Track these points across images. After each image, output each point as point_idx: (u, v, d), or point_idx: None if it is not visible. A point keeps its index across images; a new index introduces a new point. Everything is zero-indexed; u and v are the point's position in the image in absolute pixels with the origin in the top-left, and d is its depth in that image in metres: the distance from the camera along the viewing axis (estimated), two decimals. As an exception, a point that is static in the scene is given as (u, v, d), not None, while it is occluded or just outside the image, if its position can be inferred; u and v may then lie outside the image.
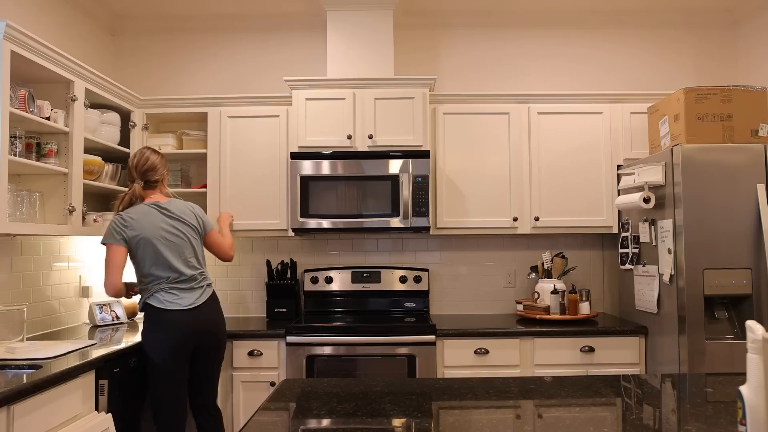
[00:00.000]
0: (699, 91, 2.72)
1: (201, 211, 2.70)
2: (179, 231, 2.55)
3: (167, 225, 2.53)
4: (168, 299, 2.47)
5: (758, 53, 3.55)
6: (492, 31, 3.77)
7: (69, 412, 2.10)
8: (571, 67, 3.76)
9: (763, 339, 1.10)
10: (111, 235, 2.48)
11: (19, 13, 2.85)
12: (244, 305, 3.64)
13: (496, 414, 1.49)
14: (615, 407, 1.54)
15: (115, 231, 2.48)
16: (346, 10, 3.39)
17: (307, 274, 3.54)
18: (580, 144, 3.32)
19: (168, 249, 2.50)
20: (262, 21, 3.75)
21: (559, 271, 3.36)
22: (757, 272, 2.61)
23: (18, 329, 2.60)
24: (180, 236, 2.55)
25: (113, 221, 2.51)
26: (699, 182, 2.63)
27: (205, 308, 2.54)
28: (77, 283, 3.24)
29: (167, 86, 3.76)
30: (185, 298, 2.49)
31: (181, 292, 2.50)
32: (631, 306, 3.14)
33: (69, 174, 2.68)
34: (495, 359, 2.96)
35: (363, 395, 1.67)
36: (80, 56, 3.37)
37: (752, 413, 1.11)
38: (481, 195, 3.30)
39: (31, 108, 2.45)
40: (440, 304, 3.63)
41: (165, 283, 2.49)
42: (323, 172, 3.17)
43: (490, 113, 3.33)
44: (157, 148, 3.35)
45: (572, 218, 3.30)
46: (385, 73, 3.37)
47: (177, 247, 2.53)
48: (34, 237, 2.87)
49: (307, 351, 2.94)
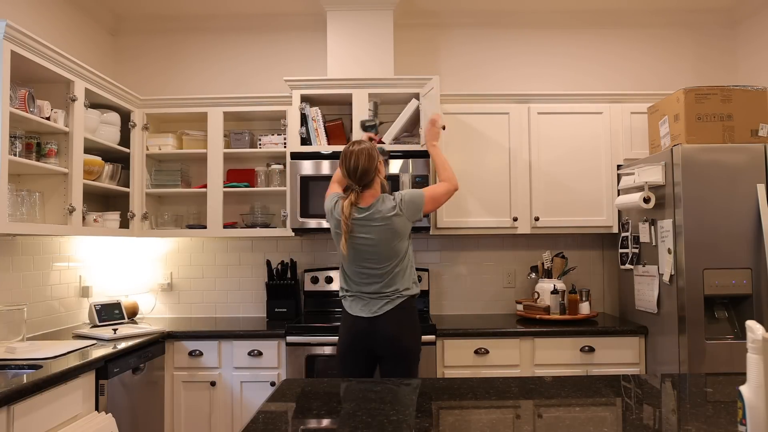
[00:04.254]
0: (699, 91, 2.72)
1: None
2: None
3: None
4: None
5: (758, 53, 3.55)
6: (492, 31, 3.77)
7: (69, 412, 2.10)
8: (571, 67, 3.76)
9: (763, 339, 1.10)
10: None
11: (19, 13, 2.85)
12: (244, 305, 3.64)
13: (496, 414, 1.49)
14: (615, 407, 1.54)
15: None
16: (346, 10, 3.39)
17: (307, 274, 3.54)
18: (580, 144, 3.32)
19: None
20: (262, 21, 3.75)
21: (559, 271, 3.36)
22: (757, 272, 2.61)
23: (18, 329, 2.60)
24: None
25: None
26: (699, 182, 2.63)
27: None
28: (77, 283, 3.25)
29: (167, 86, 3.76)
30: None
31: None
32: (631, 306, 3.14)
33: (69, 174, 2.68)
34: (495, 359, 2.96)
35: (363, 395, 1.67)
36: (80, 56, 3.37)
37: (752, 413, 1.11)
38: (481, 195, 3.30)
39: (31, 108, 2.45)
40: (440, 304, 3.63)
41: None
42: (323, 172, 3.17)
43: (490, 113, 3.33)
44: (157, 148, 3.36)
45: (572, 218, 3.30)
46: (385, 73, 3.37)
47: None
48: (34, 237, 2.87)
49: (307, 351, 2.94)
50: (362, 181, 2.40)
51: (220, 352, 3.00)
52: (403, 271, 2.44)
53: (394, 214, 2.39)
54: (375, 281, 2.42)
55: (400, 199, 2.42)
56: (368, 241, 2.39)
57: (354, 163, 2.39)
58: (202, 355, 2.99)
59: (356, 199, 2.40)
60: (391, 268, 2.42)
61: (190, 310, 3.64)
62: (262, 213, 3.48)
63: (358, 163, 2.38)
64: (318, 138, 3.26)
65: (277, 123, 3.63)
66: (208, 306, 3.64)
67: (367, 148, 2.42)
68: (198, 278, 3.64)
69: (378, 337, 2.39)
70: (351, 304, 2.47)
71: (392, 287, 2.42)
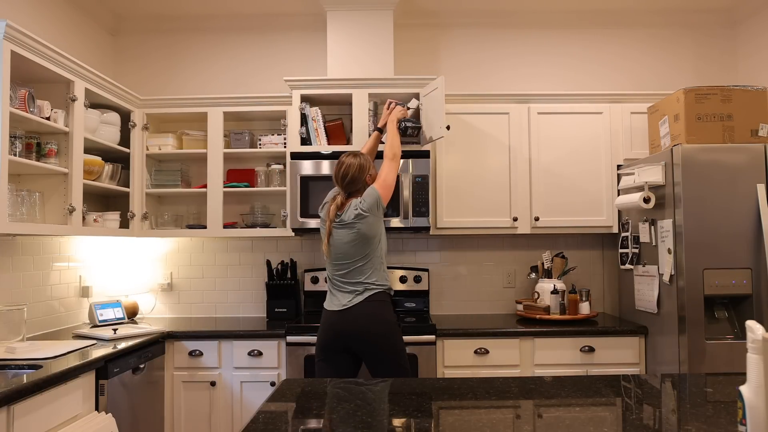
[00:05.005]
0: (699, 91, 2.72)
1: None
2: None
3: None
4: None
5: (758, 53, 3.55)
6: (492, 31, 3.77)
7: (69, 412, 2.10)
8: (571, 67, 3.76)
9: (763, 339, 1.10)
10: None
11: (19, 13, 2.85)
12: (244, 305, 3.64)
13: (496, 414, 1.49)
14: (615, 407, 1.54)
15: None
16: (346, 10, 3.39)
17: (307, 274, 3.54)
18: (580, 144, 3.32)
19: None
20: (262, 21, 3.75)
21: (559, 271, 3.36)
22: (757, 272, 2.61)
23: (18, 329, 2.60)
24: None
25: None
26: (699, 182, 2.63)
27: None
28: (77, 283, 3.25)
29: (167, 86, 3.76)
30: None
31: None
32: (631, 306, 3.14)
33: (69, 174, 2.68)
34: (495, 359, 2.96)
35: (363, 395, 1.67)
36: (80, 56, 3.37)
37: (752, 413, 1.11)
38: (481, 195, 3.30)
39: (31, 108, 2.45)
40: (440, 304, 3.63)
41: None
42: (323, 172, 3.17)
43: (490, 113, 3.33)
44: (157, 148, 3.36)
45: (572, 218, 3.30)
46: (385, 72, 3.37)
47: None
48: (34, 237, 2.87)
49: (307, 351, 2.94)
50: (348, 189, 2.60)
51: (220, 352, 3.00)
52: (372, 266, 2.55)
53: (361, 216, 2.52)
54: (345, 277, 2.55)
55: (360, 201, 2.56)
56: (338, 241, 2.55)
57: (344, 171, 2.58)
58: (202, 355, 2.99)
59: (340, 205, 2.58)
60: (360, 263, 2.54)
61: (190, 310, 3.64)
62: (262, 213, 3.48)
63: (348, 171, 2.57)
64: (318, 138, 3.26)
65: (277, 123, 3.63)
66: (208, 306, 3.64)
67: (361, 162, 2.59)
68: (198, 278, 3.64)
69: (349, 330, 2.48)
70: (327, 301, 2.60)
71: (360, 280, 2.53)
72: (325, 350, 2.53)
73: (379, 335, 2.46)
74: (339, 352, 2.52)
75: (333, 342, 2.50)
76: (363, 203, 2.54)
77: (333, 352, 2.52)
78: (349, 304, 2.50)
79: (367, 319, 2.47)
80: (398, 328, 2.53)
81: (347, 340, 2.48)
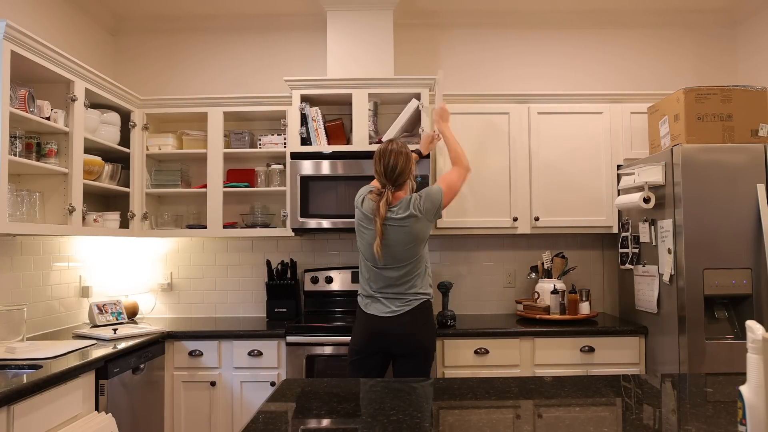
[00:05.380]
0: (699, 91, 2.72)
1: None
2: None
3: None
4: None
5: (758, 53, 3.55)
6: (492, 31, 3.77)
7: (69, 412, 2.10)
8: (571, 67, 3.76)
9: (763, 339, 1.10)
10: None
11: (19, 13, 2.85)
12: (244, 305, 3.64)
13: (496, 414, 1.49)
14: (615, 407, 1.54)
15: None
16: (346, 10, 3.39)
17: (307, 274, 3.54)
18: (580, 144, 3.32)
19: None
20: (262, 21, 3.75)
21: (559, 271, 3.36)
22: (757, 272, 2.61)
23: (18, 329, 2.60)
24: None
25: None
26: (699, 182, 2.63)
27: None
28: (77, 283, 3.25)
29: (167, 86, 3.76)
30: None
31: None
32: (631, 306, 3.13)
33: (69, 174, 2.68)
34: (495, 359, 2.96)
35: (363, 395, 1.67)
36: (80, 56, 3.37)
37: (752, 413, 1.11)
38: (481, 195, 3.30)
39: (31, 108, 2.45)
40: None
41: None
42: (323, 172, 3.17)
43: (490, 113, 3.33)
44: (157, 148, 3.36)
45: (572, 218, 3.30)
46: (385, 72, 3.37)
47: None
48: (34, 237, 2.87)
49: (307, 351, 2.94)
50: (397, 181, 2.41)
51: (220, 352, 3.00)
52: (421, 274, 2.46)
53: (412, 217, 2.37)
54: (393, 282, 2.43)
55: (418, 199, 2.40)
56: (393, 240, 2.38)
57: (393, 162, 2.38)
58: (202, 355, 2.99)
59: (391, 200, 2.38)
60: (409, 270, 2.42)
61: (190, 310, 3.64)
62: (262, 213, 3.48)
63: (397, 162, 2.38)
64: (318, 138, 3.26)
65: (277, 123, 3.63)
66: (208, 306, 3.64)
67: (407, 152, 2.41)
68: (198, 278, 3.64)
69: (394, 336, 2.39)
70: (368, 304, 2.48)
71: (410, 289, 2.42)
72: (361, 352, 2.45)
73: (422, 344, 2.41)
74: (375, 355, 2.45)
75: (373, 346, 2.43)
76: (422, 202, 2.38)
77: (370, 354, 2.45)
78: (399, 311, 2.40)
79: (415, 327, 2.39)
80: (435, 338, 2.51)
81: (390, 345, 2.41)
